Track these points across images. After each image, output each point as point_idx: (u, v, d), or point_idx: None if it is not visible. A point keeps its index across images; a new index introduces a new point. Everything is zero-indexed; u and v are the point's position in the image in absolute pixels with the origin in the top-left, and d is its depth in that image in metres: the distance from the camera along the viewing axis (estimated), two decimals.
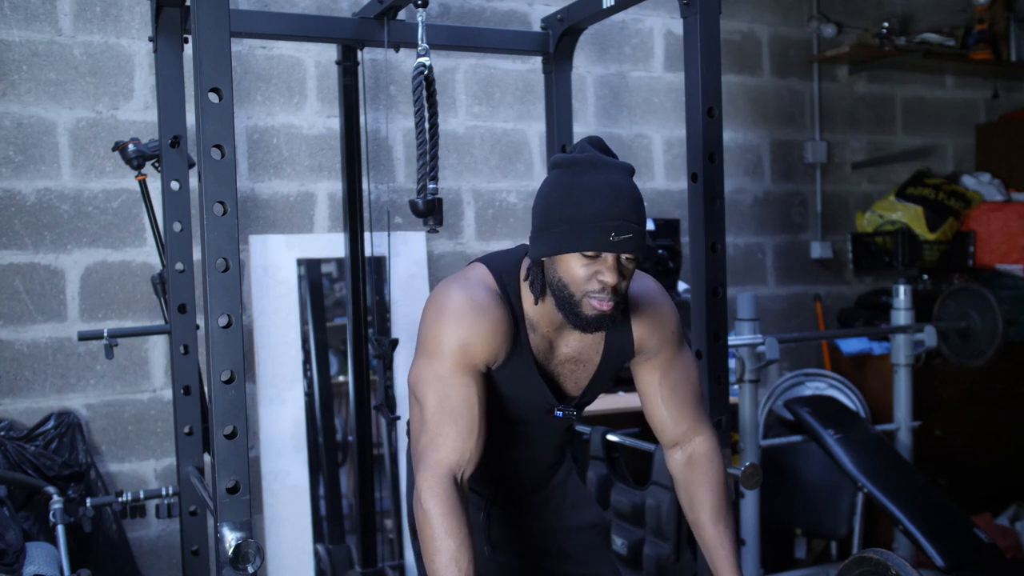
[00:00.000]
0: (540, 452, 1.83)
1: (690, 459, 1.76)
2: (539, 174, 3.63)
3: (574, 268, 1.51)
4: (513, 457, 1.80)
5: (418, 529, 1.52)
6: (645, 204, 1.57)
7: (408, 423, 1.87)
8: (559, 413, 1.70)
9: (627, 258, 1.52)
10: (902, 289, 3.37)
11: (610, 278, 1.50)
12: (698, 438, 1.77)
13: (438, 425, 1.54)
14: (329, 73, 3.28)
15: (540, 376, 1.66)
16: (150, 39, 2.35)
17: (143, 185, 2.63)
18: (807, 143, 4.27)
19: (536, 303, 1.61)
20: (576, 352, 1.69)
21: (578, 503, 1.93)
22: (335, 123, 3.17)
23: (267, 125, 3.25)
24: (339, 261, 3.31)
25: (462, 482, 1.54)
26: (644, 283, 1.74)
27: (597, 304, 1.52)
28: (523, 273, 1.64)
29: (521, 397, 1.67)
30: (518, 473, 1.84)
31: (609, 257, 1.50)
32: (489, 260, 1.67)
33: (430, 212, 2.30)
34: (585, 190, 1.50)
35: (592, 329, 1.56)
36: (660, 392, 1.74)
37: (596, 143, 1.58)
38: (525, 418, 1.72)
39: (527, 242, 1.65)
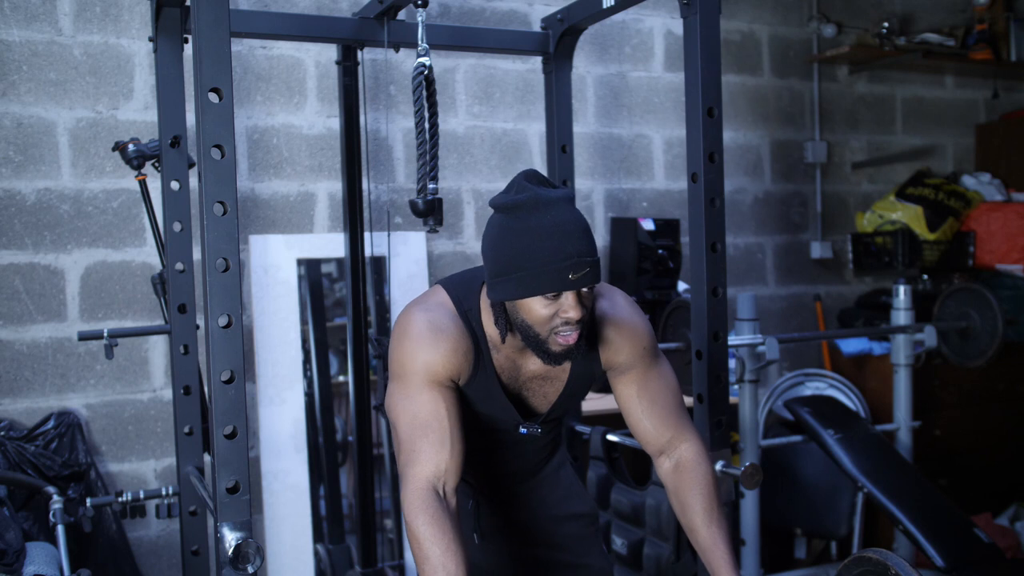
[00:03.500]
0: (526, 451, 1.86)
1: (677, 466, 1.78)
2: None
3: (536, 310, 1.54)
4: (498, 457, 1.84)
5: (409, 543, 1.55)
6: (645, 204, 1.57)
7: None
8: (523, 431, 1.73)
9: (586, 290, 1.55)
10: (902, 289, 3.37)
11: (574, 314, 1.53)
12: (683, 445, 1.78)
13: (412, 442, 1.57)
14: (329, 73, 3.28)
15: (505, 394, 1.70)
16: (150, 39, 2.35)
17: (143, 185, 2.63)
18: (807, 143, 4.27)
19: (503, 341, 1.64)
20: (543, 370, 1.72)
21: (569, 494, 1.96)
22: (335, 123, 3.17)
23: (267, 125, 3.25)
24: (339, 261, 3.31)
25: (445, 494, 1.56)
26: (612, 299, 1.75)
27: (563, 340, 1.56)
28: (484, 298, 1.66)
29: (489, 414, 1.72)
30: (505, 469, 1.88)
31: (570, 295, 1.53)
32: (448, 283, 1.71)
33: (430, 212, 2.30)
34: (534, 234, 1.50)
35: (562, 362, 1.60)
36: (640, 405, 1.76)
37: (532, 177, 1.58)
38: (498, 434, 1.77)
39: None
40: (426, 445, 1.56)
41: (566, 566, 1.94)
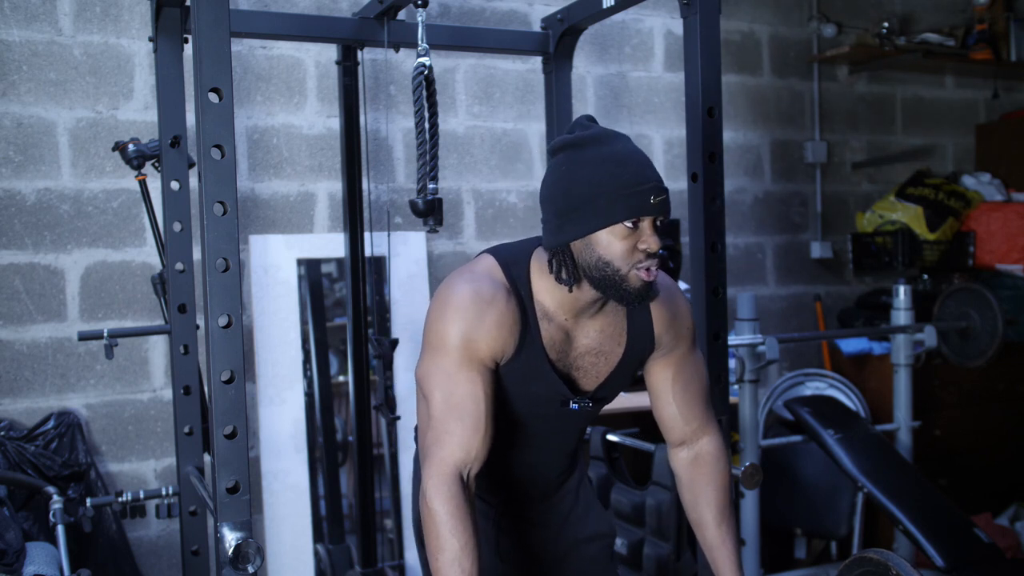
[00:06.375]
0: (551, 457, 1.79)
1: (696, 458, 1.75)
2: (539, 174, 3.63)
3: (615, 243, 1.47)
4: (523, 461, 1.76)
5: (423, 527, 1.50)
6: None
7: (416, 427, 1.85)
8: (574, 405, 1.64)
9: (660, 221, 1.50)
10: (902, 289, 3.37)
11: (654, 243, 1.47)
12: (705, 438, 1.75)
13: (444, 422, 1.51)
14: (329, 73, 3.28)
15: (553, 369, 1.61)
16: (150, 39, 2.35)
17: (143, 185, 2.64)
18: (807, 143, 4.27)
19: (570, 291, 1.56)
20: (597, 344, 1.65)
21: (588, 512, 1.90)
22: (335, 123, 3.17)
23: (267, 125, 3.25)
24: (339, 261, 3.31)
25: (468, 480, 1.52)
26: (661, 278, 1.69)
27: (645, 275, 1.49)
28: (535, 264, 1.59)
29: (532, 392, 1.63)
30: (528, 479, 1.80)
31: (647, 223, 1.47)
32: (497, 251, 1.64)
33: (430, 212, 2.30)
34: (610, 161, 1.47)
35: (641, 301, 1.52)
36: (672, 389, 1.72)
37: (592, 119, 1.57)
38: (536, 417, 1.68)
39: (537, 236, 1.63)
40: (459, 428, 1.50)
41: None
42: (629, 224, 1.46)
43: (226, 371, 1.48)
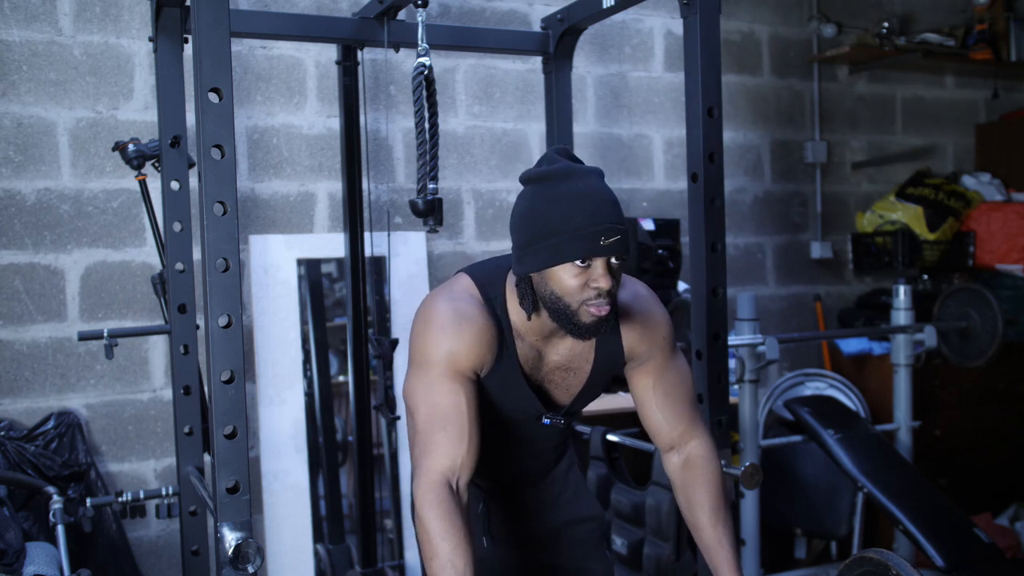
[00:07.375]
0: (538, 451, 1.86)
1: (687, 462, 1.77)
2: None
3: (567, 279, 1.53)
4: (511, 455, 1.83)
5: (417, 537, 1.53)
6: (645, 204, 1.57)
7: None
8: (546, 421, 1.72)
9: (616, 259, 1.54)
10: (902, 289, 3.37)
11: (604, 283, 1.52)
12: (694, 441, 1.78)
13: (430, 432, 1.56)
14: (329, 73, 3.28)
15: (527, 384, 1.68)
16: (150, 39, 2.35)
17: (143, 185, 2.64)
18: (807, 143, 4.27)
19: (529, 319, 1.62)
20: (566, 361, 1.71)
21: (576, 496, 1.96)
22: (335, 123, 3.17)
23: (267, 125, 3.25)
24: (339, 261, 3.31)
25: (458, 487, 1.55)
26: (634, 289, 1.75)
27: (595, 311, 1.54)
28: (509, 285, 1.65)
29: (510, 404, 1.70)
30: (516, 470, 1.87)
31: (600, 263, 1.52)
32: (473, 271, 1.70)
33: (430, 212, 2.30)
34: (567, 200, 1.51)
35: (590, 335, 1.58)
36: (654, 397, 1.76)
37: (563, 151, 1.60)
38: (518, 423, 1.75)
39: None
40: (444, 437, 1.55)
41: (568, 571, 1.93)
42: (580, 263, 1.51)
43: (226, 371, 1.48)
